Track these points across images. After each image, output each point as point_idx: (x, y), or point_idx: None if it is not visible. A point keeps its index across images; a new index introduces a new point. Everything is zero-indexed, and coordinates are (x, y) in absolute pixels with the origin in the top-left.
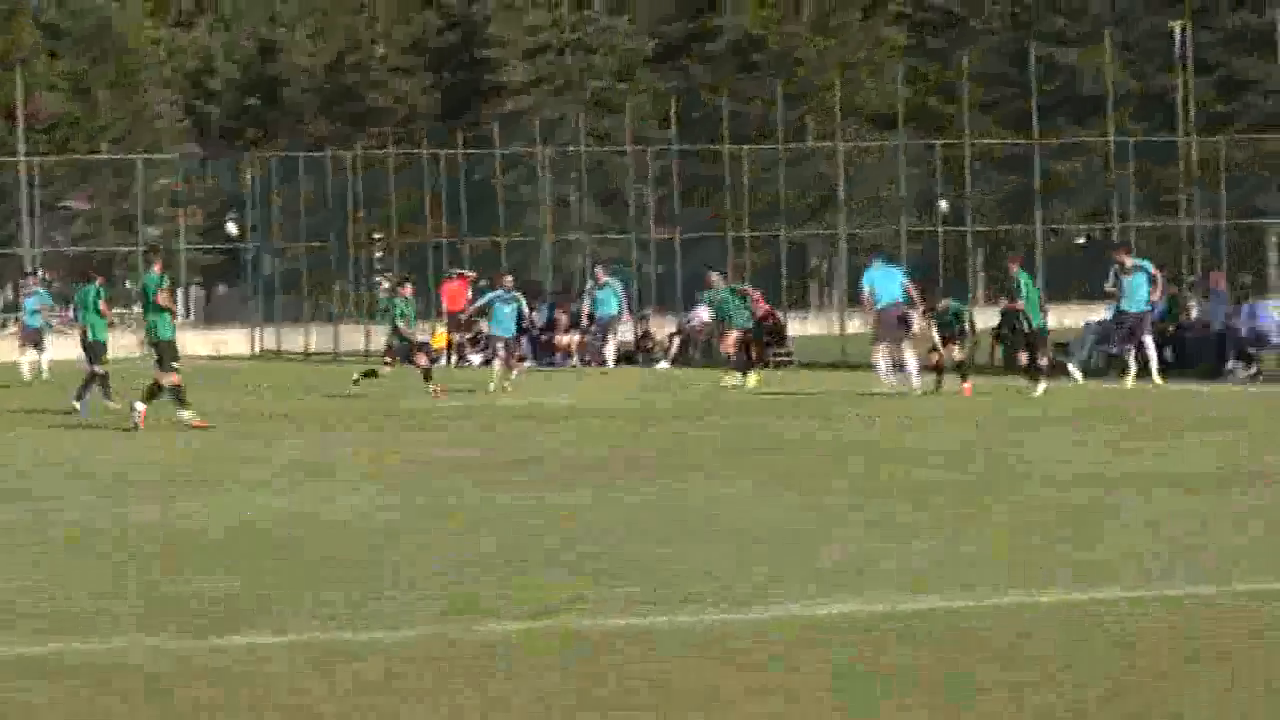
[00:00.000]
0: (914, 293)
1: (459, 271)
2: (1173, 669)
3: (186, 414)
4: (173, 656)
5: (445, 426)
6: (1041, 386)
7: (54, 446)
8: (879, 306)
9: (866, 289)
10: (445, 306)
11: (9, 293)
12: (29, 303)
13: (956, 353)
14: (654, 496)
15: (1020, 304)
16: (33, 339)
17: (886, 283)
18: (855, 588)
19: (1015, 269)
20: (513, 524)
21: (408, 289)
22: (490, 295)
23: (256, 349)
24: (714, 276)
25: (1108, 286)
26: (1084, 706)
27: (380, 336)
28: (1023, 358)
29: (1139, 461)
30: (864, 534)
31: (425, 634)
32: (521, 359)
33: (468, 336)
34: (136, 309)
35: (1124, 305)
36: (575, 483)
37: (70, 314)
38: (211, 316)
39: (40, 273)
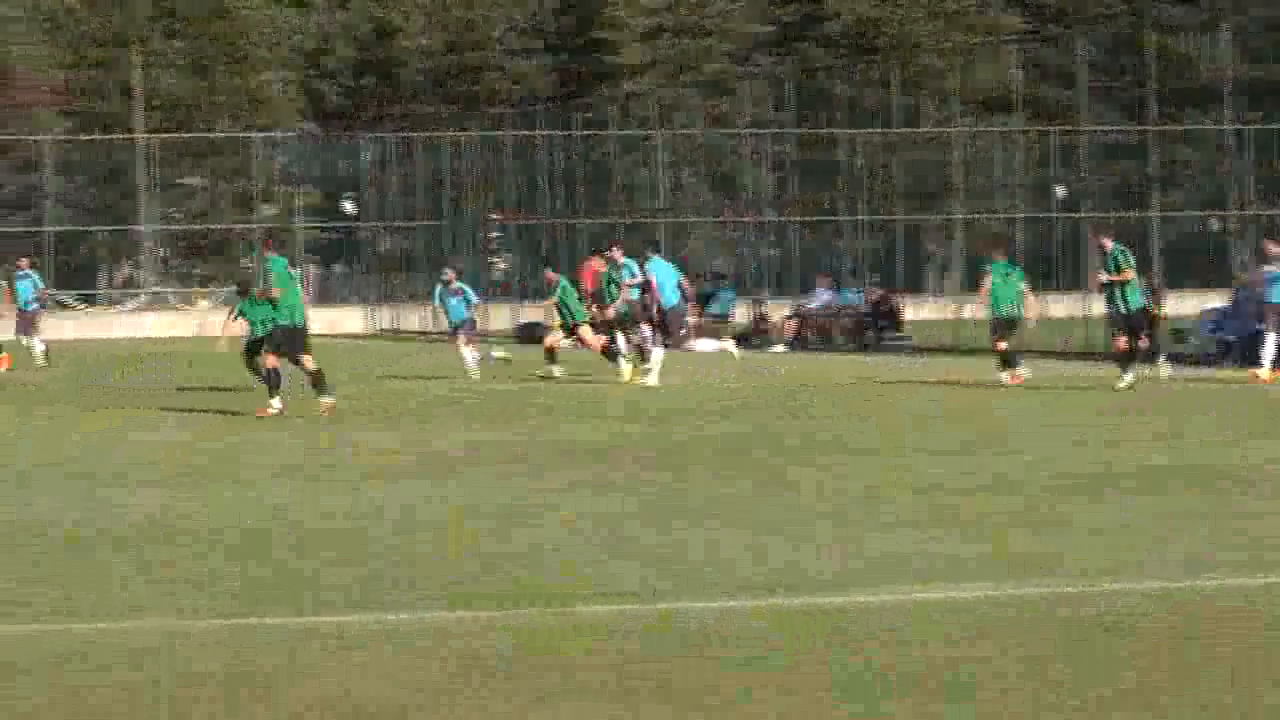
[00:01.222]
0: (688, 288)
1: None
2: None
3: (327, 399)
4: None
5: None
6: (1129, 378)
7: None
8: (668, 307)
9: (647, 277)
10: (585, 286)
11: (125, 269)
12: (22, 288)
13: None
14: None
15: (1128, 274)
16: (29, 324)
17: (668, 280)
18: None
19: (1112, 243)
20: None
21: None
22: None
23: (374, 327)
24: (550, 272)
25: (1247, 276)
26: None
27: (497, 318)
28: (1121, 343)
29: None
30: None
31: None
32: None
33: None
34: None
35: (1270, 297)
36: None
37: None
38: (325, 295)
39: (30, 256)
